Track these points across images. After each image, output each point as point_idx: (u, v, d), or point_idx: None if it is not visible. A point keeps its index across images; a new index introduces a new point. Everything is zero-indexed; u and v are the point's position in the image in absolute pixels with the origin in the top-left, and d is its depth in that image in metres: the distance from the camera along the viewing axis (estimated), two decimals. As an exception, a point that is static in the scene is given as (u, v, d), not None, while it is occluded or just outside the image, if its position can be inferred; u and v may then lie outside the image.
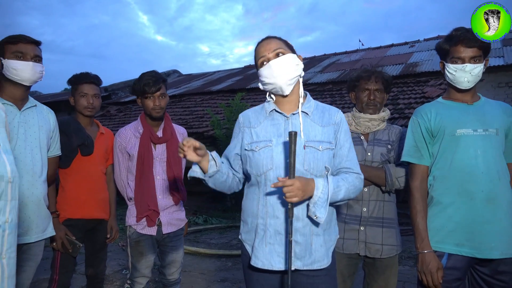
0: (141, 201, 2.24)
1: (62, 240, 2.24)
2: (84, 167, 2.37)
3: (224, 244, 5.62)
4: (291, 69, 1.51)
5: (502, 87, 8.94)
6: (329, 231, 1.56)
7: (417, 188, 1.74)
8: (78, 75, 2.43)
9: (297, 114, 1.55)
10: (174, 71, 17.24)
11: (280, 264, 1.47)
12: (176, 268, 2.38)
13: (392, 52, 12.51)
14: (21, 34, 1.91)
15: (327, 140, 1.53)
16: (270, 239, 1.49)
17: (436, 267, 1.62)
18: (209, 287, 3.76)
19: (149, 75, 2.23)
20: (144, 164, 2.24)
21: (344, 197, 1.47)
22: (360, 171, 1.56)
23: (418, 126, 1.79)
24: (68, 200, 2.34)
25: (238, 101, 8.27)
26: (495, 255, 1.59)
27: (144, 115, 2.33)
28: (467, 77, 1.68)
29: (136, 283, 2.27)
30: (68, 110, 14.18)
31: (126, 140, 2.30)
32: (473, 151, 1.65)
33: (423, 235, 1.68)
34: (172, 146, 2.32)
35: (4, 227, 1.04)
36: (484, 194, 1.61)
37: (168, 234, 2.31)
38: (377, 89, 2.07)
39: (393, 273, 2.06)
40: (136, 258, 2.26)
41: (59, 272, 2.30)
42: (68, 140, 2.29)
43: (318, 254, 1.49)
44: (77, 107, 2.42)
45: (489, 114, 1.70)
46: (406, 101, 7.81)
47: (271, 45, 1.54)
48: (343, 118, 1.59)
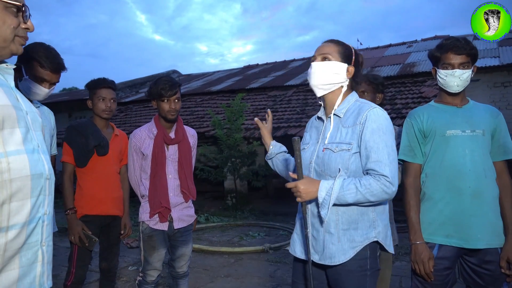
0: (154, 198, 2.38)
1: (79, 234, 2.38)
2: (100, 166, 2.52)
3: (226, 241, 5.75)
4: (326, 76, 1.62)
5: (498, 87, 9.08)
6: (354, 232, 1.53)
7: (410, 184, 1.89)
8: (96, 81, 2.58)
9: (331, 118, 1.65)
10: (173, 71, 17.34)
11: (301, 254, 1.66)
12: (185, 261, 2.52)
13: (390, 52, 12.65)
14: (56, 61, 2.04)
15: (346, 141, 1.54)
16: (297, 231, 1.73)
17: (427, 257, 1.76)
18: (213, 282, 3.89)
19: (166, 80, 2.38)
20: (157, 164, 2.38)
21: (358, 200, 1.45)
22: (387, 173, 1.43)
23: (411, 127, 1.94)
24: (85, 198, 2.49)
25: (238, 101, 8.39)
26: (480, 245, 1.74)
27: (157, 117, 2.47)
28: (456, 82, 1.83)
29: (148, 275, 2.41)
30: (68, 111, 14.32)
31: (141, 140, 2.43)
32: (462, 150, 1.79)
33: (416, 228, 1.82)
34: (184, 147, 2.47)
35: (44, 219, 1.17)
36: (471, 190, 1.75)
37: (179, 229, 2.46)
38: (363, 91, 2.23)
39: (388, 266, 2.20)
40: (149, 252, 2.40)
41: (76, 265, 2.44)
42: (86, 141, 2.44)
43: (330, 251, 1.54)
44: (95, 110, 2.56)
45: (476, 116, 1.84)
46: (403, 101, 7.93)
47: (324, 49, 1.66)
48: (369, 116, 1.51)
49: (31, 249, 1.14)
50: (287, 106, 9.38)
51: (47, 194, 1.19)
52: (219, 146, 8.31)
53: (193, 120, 9.80)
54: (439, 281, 1.80)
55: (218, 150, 8.43)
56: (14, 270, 1.09)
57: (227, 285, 3.81)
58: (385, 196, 1.45)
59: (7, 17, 1.09)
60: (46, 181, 1.18)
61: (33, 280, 1.14)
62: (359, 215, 1.54)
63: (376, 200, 1.46)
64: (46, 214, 1.18)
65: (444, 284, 1.82)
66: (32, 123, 1.20)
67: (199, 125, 9.20)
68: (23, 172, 1.09)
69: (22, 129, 1.13)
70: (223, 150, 8.21)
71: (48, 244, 1.20)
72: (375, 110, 1.54)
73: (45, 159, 1.20)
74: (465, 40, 1.83)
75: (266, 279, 3.91)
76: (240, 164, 8.18)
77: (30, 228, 1.13)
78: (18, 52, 1.16)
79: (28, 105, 1.21)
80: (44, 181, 1.17)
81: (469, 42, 1.83)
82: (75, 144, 2.47)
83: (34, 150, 1.16)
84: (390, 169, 1.45)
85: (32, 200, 1.12)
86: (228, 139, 7.98)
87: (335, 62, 1.63)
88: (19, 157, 1.09)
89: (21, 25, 1.13)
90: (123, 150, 2.64)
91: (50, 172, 1.21)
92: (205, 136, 8.60)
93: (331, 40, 1.70)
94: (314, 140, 1.69)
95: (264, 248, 4.93)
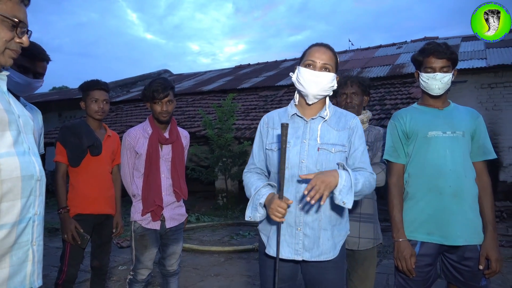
0: (148, 197, 2.42)
1: (72, 232, 2.41)
2: (93, 166, 2.56)
3: (217, 241, 5.78)
4: (325, 87, 1.64)
5: (485, 88, 9.24)
6: (339, 227, 1.69)
7: (394, 184, 1.94)
8: (89, 82, 2.62)
9: (316, 119, 1.69)
10: (165, 71, 17.29)
11: (289, 254, 1.63)
12: (176, 259, 2.56)
13: (380, 53, 12.79)
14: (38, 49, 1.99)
15: (340, 143, 1.64)
16: (282, 231, 1.64)
17: (409, 254, 1.82)
18: (203, 281, 3.92)
19: (158, 82, 2.41)
20: (152, 163, 2.42)
21: (362, 189, 1.55)
22: (373, 172, 1.66)
23: (395, 129, 1.99)
24: (79, 197, 2.52)
25: (229, 101, 8.42)
26: (460, 242, 1.80)
27: (152, 118, 2.51)
28: (438, 85, 1.89)
29: (139, 274, 2.44)
30: (58, 111, 14.20)
31: (135, 139, 2.46)
32: (443, 151, 1.85)
33: (398, 226, 1.88)
34: (177, 147, 2.53)
35: (34, 219, 1.21)
36: (451, 189, 1.81)
37: (170, 228, 2.50)
38: (353, 93, 2.28)
39: (372, 264, 2.25)
40: (140, 251, 2.43)
41: (68, 264, 2.47)
42: (79, 142, 2.48)
43: (325, 247, 1.62)
44: (88, 111, 2.60)
45: (456, 118, 1.90)
46: (392, 102, 8.03)
47: (325, 57, 1.64)
48: (358, 124, 1.70)
49: (22, 248, 1.17)
50: (278, 106, 9.43)
51: (38, 195, 1.22)
52: (210, 146, 8.33)
53: (184, 120, 9.80)
54: (420, 277, 1.86)
55: (210, 150, 8.46)
56: (5, 268, 1.12)
57: (217, 283, 3.84)
58: (372, 189, 1.64)
59: (1, 30, 1.12)
60: (37, 183, 1.21)
61: (23, 279, 1.17)
62: (342, 212, 1.69)
63: (369, 192, 1.64)
64: (36, 214, 1.22)
65: (425, 280, 1.88)
66: (24, 126, 1.23)
67: (190, 125, 9.21)
68: (14, 174, 1.13)
69: (13, 132, 1.16)
70: (214, 150, 8.24)
71: (38, 243, 1.23)
72: (358, 119, 1.74)
73: (36, 161, 1.23)
74: (445, 45, 1.90)
75: (256, 278, 3.95)
76: (231, 164, 8.22)
77: (21, 228, 1.16)
78: (7, 64, 1.18)
79: (20, 109, 1.24)
80: (35, 182, 1.20)
81: (449, 47, 1.89)
82: (69, 145, 2.50)
83: (25, 153, 1.19)
84: (371, 169, 1.68)
85: (23, 201, 1.16)
86: (219, 139, 8.01)
87: (333, 74, 1.66)
88: (9, 159, 1.13)
89: (15, 39, 1.16)
90: (116, 150, 2.69)
91: (41, 174, 1.24)
92: (196, 136, 8.61)
93: (329, 48, 1.70)
94: (295, 139, 1.66)
95: (254, 247, 4.98)
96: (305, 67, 1.66)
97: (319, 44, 1.70)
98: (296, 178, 1.63)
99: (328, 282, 1.65)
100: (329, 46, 1.70)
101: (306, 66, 1.66)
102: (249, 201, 1.66)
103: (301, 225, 1.62)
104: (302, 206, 1.63)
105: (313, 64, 1.64)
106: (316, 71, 1.63)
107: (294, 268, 1.71)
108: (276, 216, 1.51)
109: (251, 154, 1.83)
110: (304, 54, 1.71)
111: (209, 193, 9.78)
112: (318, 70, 1.64)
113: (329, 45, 1.71)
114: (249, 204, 1.65)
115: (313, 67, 1.64)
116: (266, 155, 1.75)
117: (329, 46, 1.71)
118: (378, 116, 7.22)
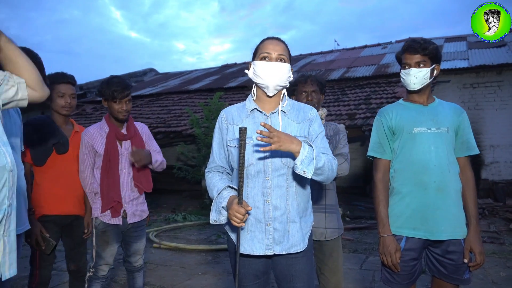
0: (107, 193, 2.43)
1: (37, 237, 2.27)
2: (60, 165, 2.43)
3: (204, 239, 5.76)
4: (283, 77, 1.67)
5: (467, 88, 9.44)
6: (305, 219, 1.73)
7: (380, 180, 1.96)
8: (54, 75, 2.44)
9: (276, 113, 1.70)
10: (150, 70, 17.14)
11: (261, 250, 1.64)
12: (141, 255, 2.62)
13: (366, 53, 12.93)
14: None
15: (302, 134, 1.68)
16: (251, 227, 1.65)
17: (394, 249, 1.84)
18: (190, 279, 3.90)
19: (118, 81, 2.42)
20: (110, 160, 2.44)
21: (323, 168, 1.56)
22: (334, 157, 1.69)
23: (381, 125, 2.02)
24: (44, 197, 2.39)
25: (216, 100, 8.40)
26: (444, 237, 1.83)
27: (108, 116, 2.54)
28: (412, 80, 1.91)
29: (100, 270, 2.46)
30: (41, 109, 13.94)
31: (93, 138, 2.46)
32: (427, 146, 1.88)
33: (384, 221, 1.90)
34: (136, 142, 2.56)
35: (8, 210, 1.19)
36: (436, 184, 1.84)
37: (132, 224, 2.53)
38: (313, 91, 2.33)
39: (340, 254, 2.33)
40: (102, 247, 2.45)
41: (39, 266, 2.35)
42: (44, 139, 2.34)
43: (294, 239, 1.65)
44: (54, 107, 2.46)
45: (441, 114, 1.93)
46: (378, 101, 8.13)
47: (279, 48, 1.68)
48: (316, 115, 1.75)
49: None
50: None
51: (11, 186, 1.20)
52: (197, 144, 8.29)
53: (171, 118, 9.73)
54: (406, 272, 1.89)
55: (197, 149, 8.41)
56: None
57: (204, 282, 3.83)
58: (333, 173, 1.65)
59: None
60: (9, 173, 1.19)
61: None
62: (306, 203, 1.74)
63: (331, 176, 1.64)
64: (9, 205, 1.19)
65: (410, 274, 1.90)
66: None
67: (176, 124, 9.15)
68: None
69: None
70: (201, 149, 8.20)
71: (9, 234, 1.21)
72: (316, 110, 1.78)
73: (6, 151, 1.20)
74: (423, 41, 1.90)
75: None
76: (218, 163, 8.18)
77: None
78: None
79: None
80: (7, 173, 1.18)
81: (425, 43, 1.89)
82: (30, 142, 2.32)
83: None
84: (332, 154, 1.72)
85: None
86: (206, 137, 7.98)
87: (288, 64, 1.70)
88: None
89: None
90: None
91: (13, 164, 1.21)
92: (183, 134, 8.56)
93: (281, 40, 1.74)
94: (255, 134, 1.58)
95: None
96: (261, 60, 1.68)
97: (271, 38, 1.75)
98: (262, 173, 1.63)
99: (299, 272, 1.68)
100: (281, 39, 1.75)
101: (262, 59, 1.68)
102: (212, 204, 1.66)
103: (271, 220, 1.64)
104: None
105: (268, 56, 1.67)
106: (272, 62, 1.66)
107: (267, 263, 1.73)
108: (234, 221, 1.53)
109: (211, 152, 1.81)
110: (258, 49, 1.74)
111: (196, 192, 9.73)
112: (274, 61, 1.67)
113: (280, 38, 1.75)
114: (213, 207, 1.65)
115: (269, 58, 1.67)
116: (228, 152, 1.74)
117: (281, 39, 1.75)
118: (364, 115, 7.29)
